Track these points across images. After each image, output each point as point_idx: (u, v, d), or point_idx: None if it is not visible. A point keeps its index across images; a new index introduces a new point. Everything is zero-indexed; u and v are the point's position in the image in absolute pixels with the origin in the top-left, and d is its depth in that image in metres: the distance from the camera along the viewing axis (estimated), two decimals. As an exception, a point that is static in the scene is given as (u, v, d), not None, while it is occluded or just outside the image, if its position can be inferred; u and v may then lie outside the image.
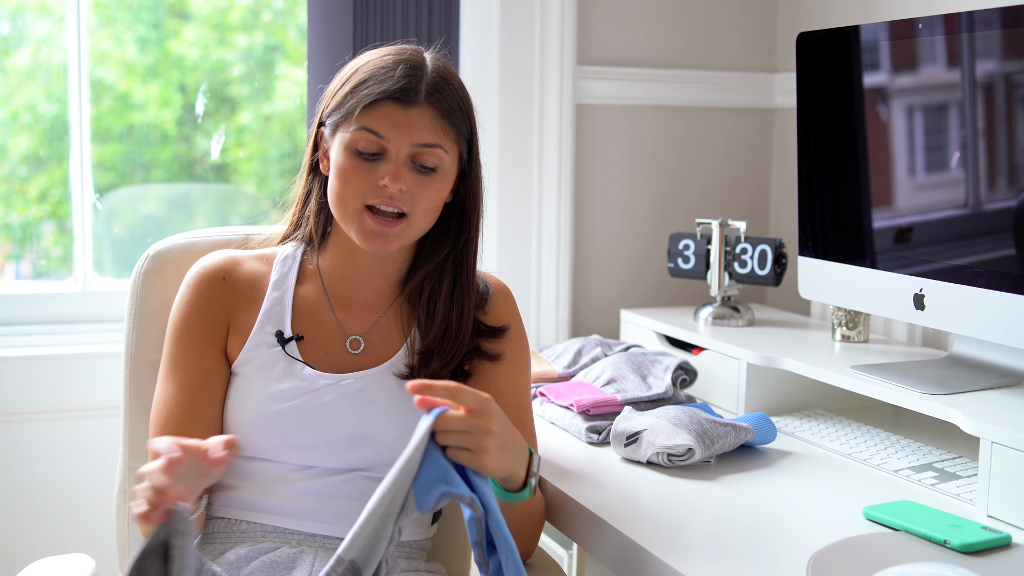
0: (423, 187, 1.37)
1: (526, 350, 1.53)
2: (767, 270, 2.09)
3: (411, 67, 1.38)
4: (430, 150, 1.37)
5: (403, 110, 1.36)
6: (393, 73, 1.37)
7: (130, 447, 1.56)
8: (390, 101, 1.36)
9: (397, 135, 1.35)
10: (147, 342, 1.56)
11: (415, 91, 1.36)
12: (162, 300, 1.56)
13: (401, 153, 1.36)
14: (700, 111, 2.48)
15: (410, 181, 1.36)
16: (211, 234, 1.62)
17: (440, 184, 1.39)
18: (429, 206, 1.39)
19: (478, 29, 2.31)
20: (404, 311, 1.47)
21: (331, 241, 1.47)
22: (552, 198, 2.34)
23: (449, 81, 1.40)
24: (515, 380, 1.49)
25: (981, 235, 1.61)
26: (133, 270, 1.59)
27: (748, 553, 1.29)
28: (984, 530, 1.30)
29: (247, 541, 1.38)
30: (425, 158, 1.37)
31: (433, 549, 1.62)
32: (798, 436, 1.74)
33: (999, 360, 1.65)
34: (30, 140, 2.31)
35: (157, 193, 2.45)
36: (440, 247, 1.46)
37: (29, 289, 2.29)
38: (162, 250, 1.60)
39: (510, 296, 1.54)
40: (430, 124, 1.37)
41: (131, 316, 1.58)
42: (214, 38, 2.42)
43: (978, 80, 1.60)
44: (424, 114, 1.37)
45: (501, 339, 1.48)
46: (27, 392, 2.15)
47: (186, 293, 1.45)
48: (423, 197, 1.38)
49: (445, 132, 1.38)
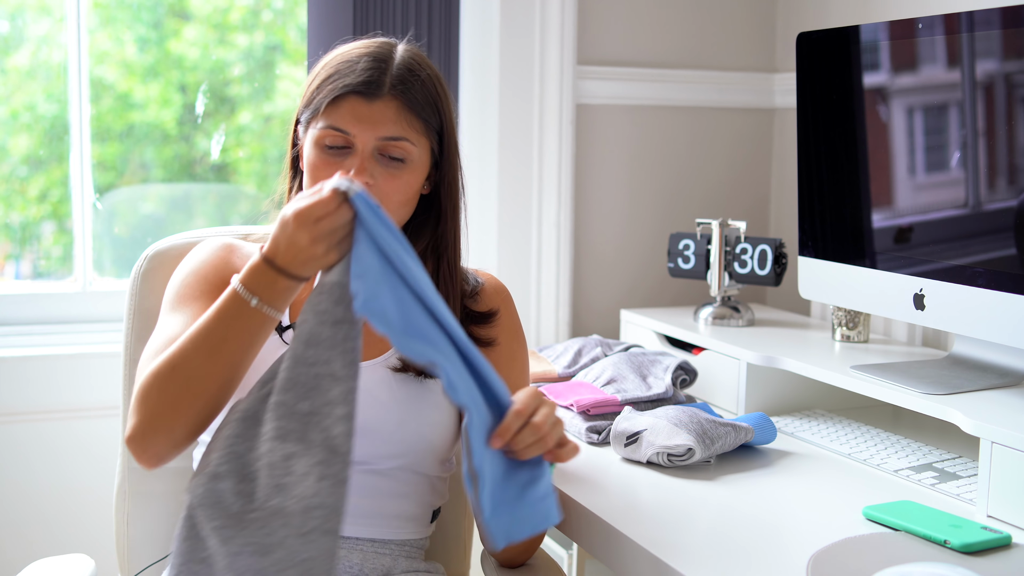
0: (391, 180, 1.37)
1: (524, 350, 1.54)
2: (767, 270, 2.09)
3: (375, 60, 1.37)
4: (396, 143, 1.36)
5: (367, 103, 1.35)
6: (356, 67, 1.37)
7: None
8: (353, 95, 1.35)
9: (361, 129, 1.35)
10: (146, 342, 1.56)
11: (378, 84, 1.36)
12: (161, 300, 1.56)
13: (367, 147, 1.36)
14: (700, 111, 2.48)
15: (378, 174, 1.36)
16: (210, 234, 1.62)
17: (409, 176, 1.39)
18: (400, 198, 1.39)
19: (478, 29, 2.31)
20: None
21: None
22: (552, 198, 2.34)
23: (416, 73, 1.38)
24: (513, 381, 1.49)
25: (981, 235, 1.61)
26: (132, 270, 1.60)
27: (748, 553, 1.29)
28: (984, 530, 1.30)
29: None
30: (391, 151, 1.37)
31: (431, 548, 1.62)
32: (798, 436, 1.74)
33: (999, 360, 1.65)
34: (30, 140, 2.31)
35: (157, 193, 2.45)
36: (419, 239, 1.46)
37: (29, 289, 2.29)
38: (161, 250, 1.60)
39: (503, 289, 1.55)
40: (394, 117, 1.36)
41: (130, 316, 1.58)
42: (214, 38, 2.42)
43: (978, 80, 1.60)
44: (388, 107, 1.36)
45: (491, 324, 1.49)
46: (27, 392, 2.16)
47: (198, 252, 1.46)
48: (392, 190, 1.37)
49: (411, 124, 1.37)
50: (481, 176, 2.34)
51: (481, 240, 2.36)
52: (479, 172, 2.34)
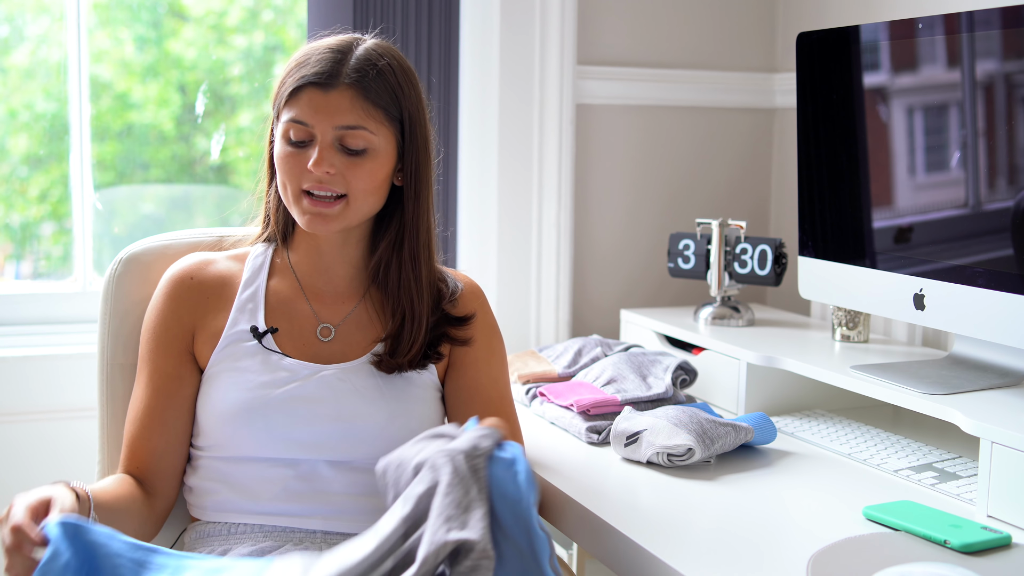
0: (354, 168, 1.39)
1: (502, 344, 1.56)
2: (767, 270, 2.09)
3: (334, 52, 1.40)
4: (354, 131, 1.38)
5: (323, 94, 1.38)
6: (313, 58, 1.39)
7: (107, 452, 1.56)
8: (310, 86, 1.38)
9: (319, 119, 1.37)
10: (120, 345, 1.56)
11: (333, 74, 1.38)
12: (135, 303, 1.55)
13: (326, 137, 1.38)
14: (700, 111, 2.48)
15: (339, 163, 1.38)
16: (184, 236, 1.62)
17: (372, 165, 1.40)
18: (365, 187, 1.40)
19: (478, 29, 2.31)
20: (378, 300, 1.48)
21: (296, 233, 1.51)
22: (552, 198, 2.34)
23: (373, 62, 1.40)
24: (494, 375, 1.52)
25: (981, 235, 1.61)
26: (105, 274, 1.58)
27: (748, 553, 1.29)
28: (984, 530, 1.30)
29: (248, 541, 1.38)
30: (350, 140, 1.39)
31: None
32: (798, 436, 1.74)
33: (999, 360, 1.65)
34: (29, 140, 2.31)
35: (156, 193, 2.45)
36: (388, 230, 1.47)
37: (29, 289, 2.29)
38: (135, 253, 1.59)
39: (479, 291, 1.56)
40: (349, 106, 1.38)
41: (104, 320, 1.57)
42: (213, 38, 2.41)
43: (978, 80, 1.60)
44: (343, 96, 1.38)
45: (468, 326, 1.51)
46: (26, 392, 2.15)
47: (156, 296, 1.48)
48: (355, 178, 1.39)
49: (369, 113, 1.39)
50: (481, 176, 2.34)
51: (481, 240, 2.36)
52: (479, 172, 2.34)
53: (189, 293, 1.46)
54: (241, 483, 1.40)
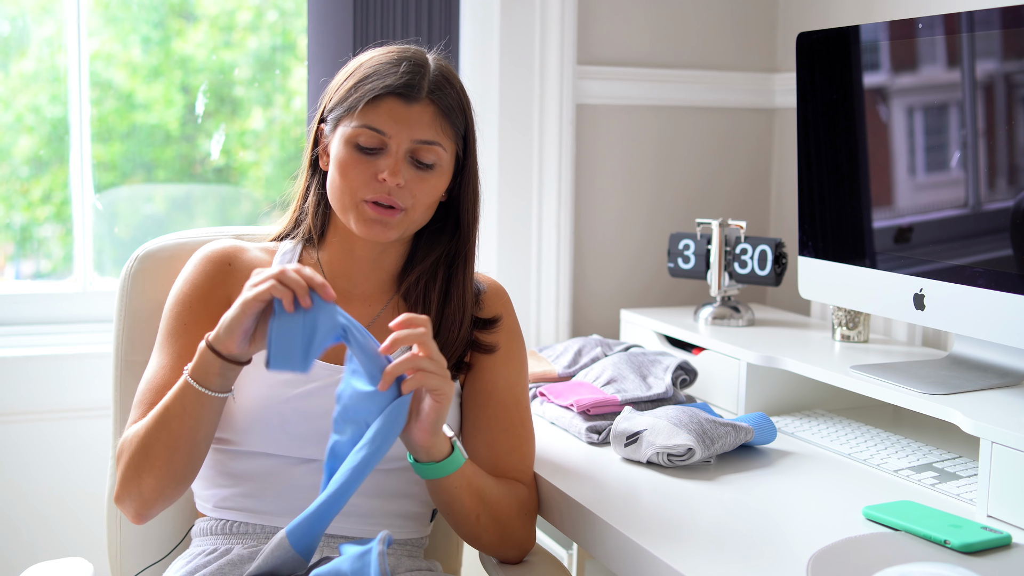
0: (420, 183, 1.39)
1: (522, 349, 1.54)
2: (767, 270, 2.09)
3: (414, 64, 1.40)
4: (429, 147, 1.39)
5: (405, 106, 1.38)
6: (397, 69, 1.39)
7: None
8: (393, 96, 1.38)
9: (398, 131, 1.37)
10: (136, 344, 1.55)
11: (418, 87, 1.38)
12: (152, 301, 1.55)
13: (401, 148, 1.38)
14: (700, 111, 2.48)
15: (408, 176, 1.38)
16: (201, 235, 1.61)
17: (436, 180, 1.41)
18: (426, 201, 1.41)
19: (478, 29, 2.31)
20: (402, 308, 1.48)
21: (329, 236, 1.49)
22: (552, 198, 2.34)
23: (450, 80, 1.42)
24: (511, 380, 1.50)
25: (981, 235, 1.61)
26: (122, 271, 1.58)
27: (748, 553, 1.29)
28: (984, 530, 1.30)
29: (248, 541, 1.38)
30: (423, 154, 1.39)
31: (429, 546, 1.63)
32: (798, 436, 1.74)
33: (999, 360, 1.65)
34: (32, 142, 2.31)
35: (158, 193, 2.45)
36: (435, 246, 1.48)
37: (29, 289, 2.29)
38: (151, 251, 1.59)
39: (504, 292, 1.56)
40: (430, 121, 1.39)
41: (120, 318, 1.56)
42: (220, 39, 2.42)
43: (978, 80, 1.60)
44: (425, 111, 1.39)
45: (495, 329, 1.50)
46: (27, 392, 2.16)
47: (191, 270, 1.46)
48: (420, 192, 1.40)
49: (444, 130, 1.40)
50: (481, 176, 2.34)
51: (481, 240, 2.35)
52: (479, 172, 2.34)
53: (225, 276, 1.45)
54: (250, 480, 1.39)
